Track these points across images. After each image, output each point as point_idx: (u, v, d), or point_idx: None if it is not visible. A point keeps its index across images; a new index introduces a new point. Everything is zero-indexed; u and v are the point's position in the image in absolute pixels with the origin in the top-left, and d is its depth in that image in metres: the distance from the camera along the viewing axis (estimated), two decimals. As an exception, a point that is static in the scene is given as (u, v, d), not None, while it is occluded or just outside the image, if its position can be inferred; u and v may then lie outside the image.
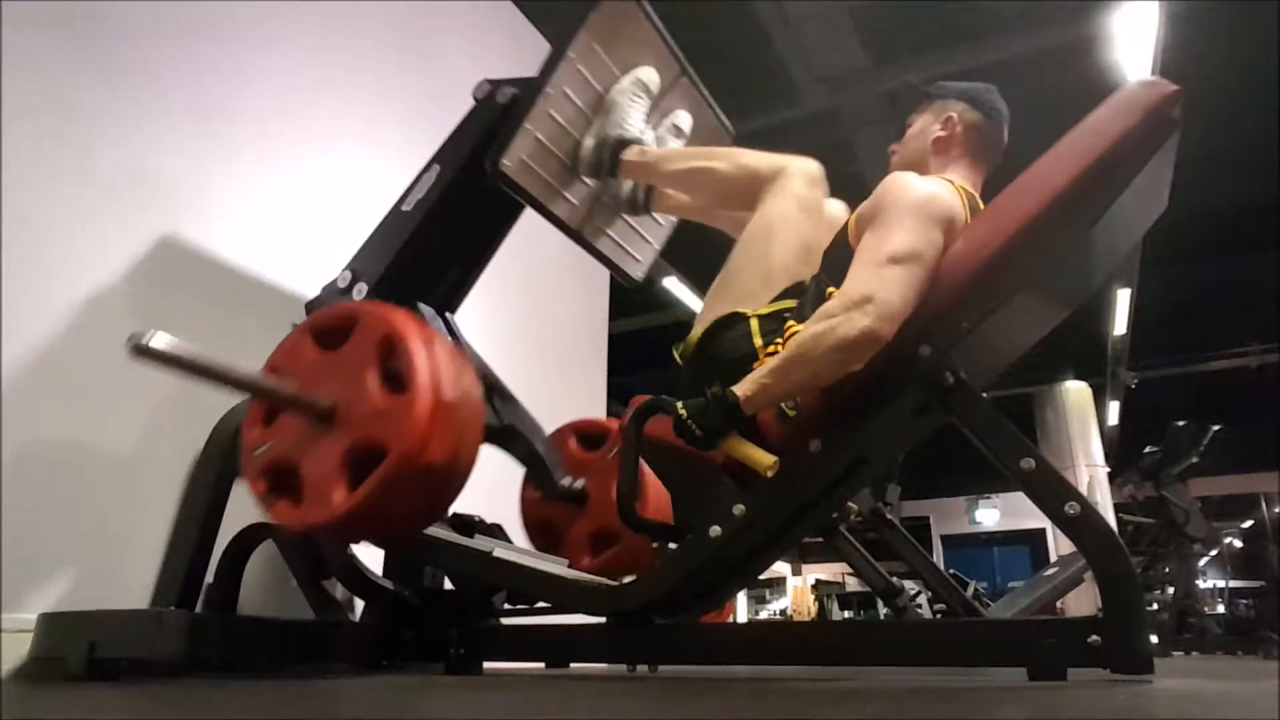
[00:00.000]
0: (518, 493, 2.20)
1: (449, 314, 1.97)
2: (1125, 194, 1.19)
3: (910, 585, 3.70)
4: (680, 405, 1.33)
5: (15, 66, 1.65)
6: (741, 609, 12.89)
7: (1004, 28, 4.77)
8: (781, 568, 14.85)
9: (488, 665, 1.63)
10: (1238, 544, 9.80)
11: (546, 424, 2.01)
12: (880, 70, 5.01)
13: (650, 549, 1.90)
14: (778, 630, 2.51)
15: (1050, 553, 10.59)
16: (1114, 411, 10.68)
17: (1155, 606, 6.40)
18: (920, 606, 3.93)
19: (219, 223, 2.04)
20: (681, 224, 2.17)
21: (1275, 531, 9.97)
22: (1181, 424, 6.24)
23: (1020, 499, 1.51)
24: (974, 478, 12.66)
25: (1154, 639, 4.14)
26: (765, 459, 1.28)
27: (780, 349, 1.37)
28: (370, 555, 1.79)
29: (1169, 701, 0.97)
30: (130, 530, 1.71)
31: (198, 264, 1.98)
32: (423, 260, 1.82)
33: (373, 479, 1.24)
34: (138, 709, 1.02)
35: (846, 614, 12.17)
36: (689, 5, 4.35)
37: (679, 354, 1.55)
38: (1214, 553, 7.52)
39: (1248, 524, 10.43)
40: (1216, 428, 6.19)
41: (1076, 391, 10.53)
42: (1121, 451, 10.54)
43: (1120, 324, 8.12)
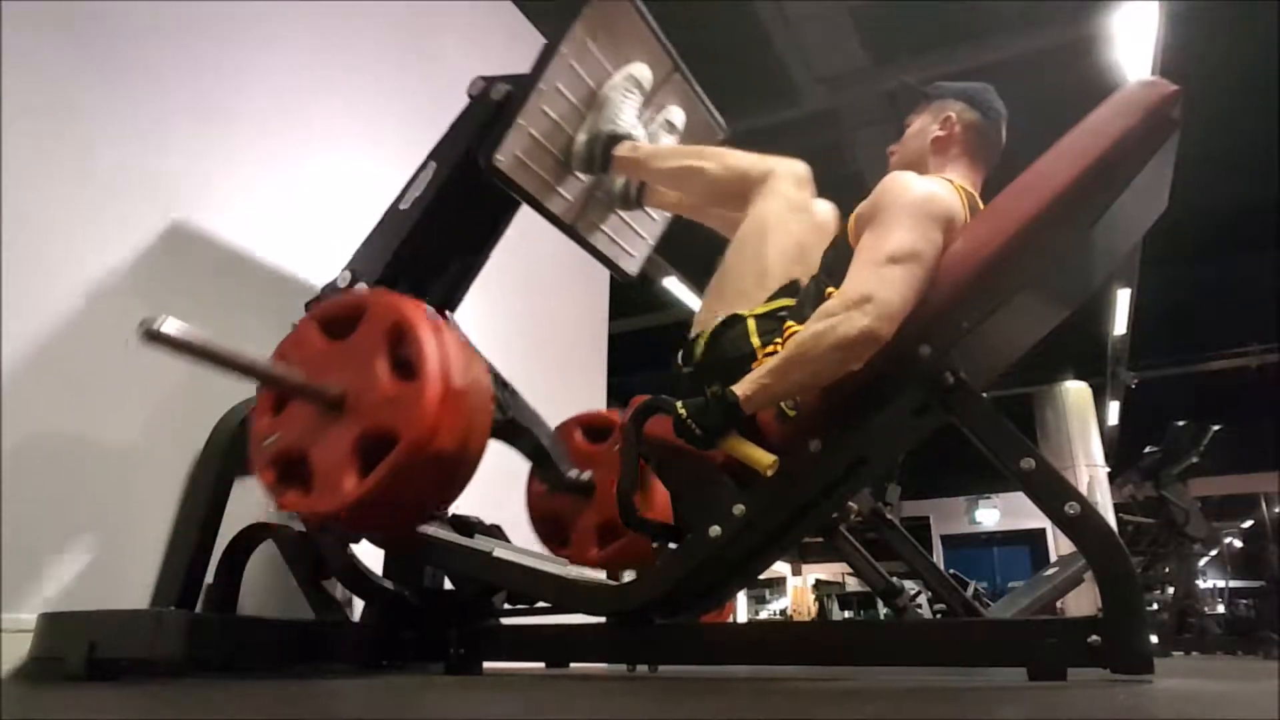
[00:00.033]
0: (517, 494, 2.20)
1: (449, 313, 1.97)
2: (1125, 194, 1.19)
3: (910, 585, 3.70)
4: (680, 405, 1.33)
5: (15, 66, 1.65)
6: (741, 609, 12.89)
7: (1004, 28, 4.77)
8: (781, 568, 14.85)
9: (488, 665, 1.63)
10: (1238, 544, 9.80)
11: (547, 423, 2.01)
12: (880, 70, 5.00)
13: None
14: (778, 630, 2.51)
15: (1050, 553, 10.59)
16: (1114, 411, 10.68)
17: (1155, 606, 6.39)
18: (920, 606, 3.93)
19: (219, 223, 2.04)
20: (681, 224, 2.17)
21: (1275, 531, 9.96)
22: (1181, 424, 6.24)
23: (1020, 499, 1.51)
24: (974, 478, 12.66)
25: (1154, 639, 4.14)
26: (765, 459, 1.28)
27: (779, 348, 1.37)
28: (370, 555, 1.79)
29: (1169, 701, 0.97)
30: (130, 530, 1.71)
31: (198, 264, 1.98)
32: (421, 258, 1.82)
33: (384, 465, 1.24)
34: (138, 709, 1.02)
35: (846, 614, 12.18)
36: (689, 5, 4.36)
37: (681, 360, 1.55)
38: (1214, 553, 7.52)
39: (1248, 524, 10.43)
40: (1216, 428, 6.19)
41: (1076, 391, 10.53)
42: (1121, 451, 10.53)
43: (1120, 324, 8.12)
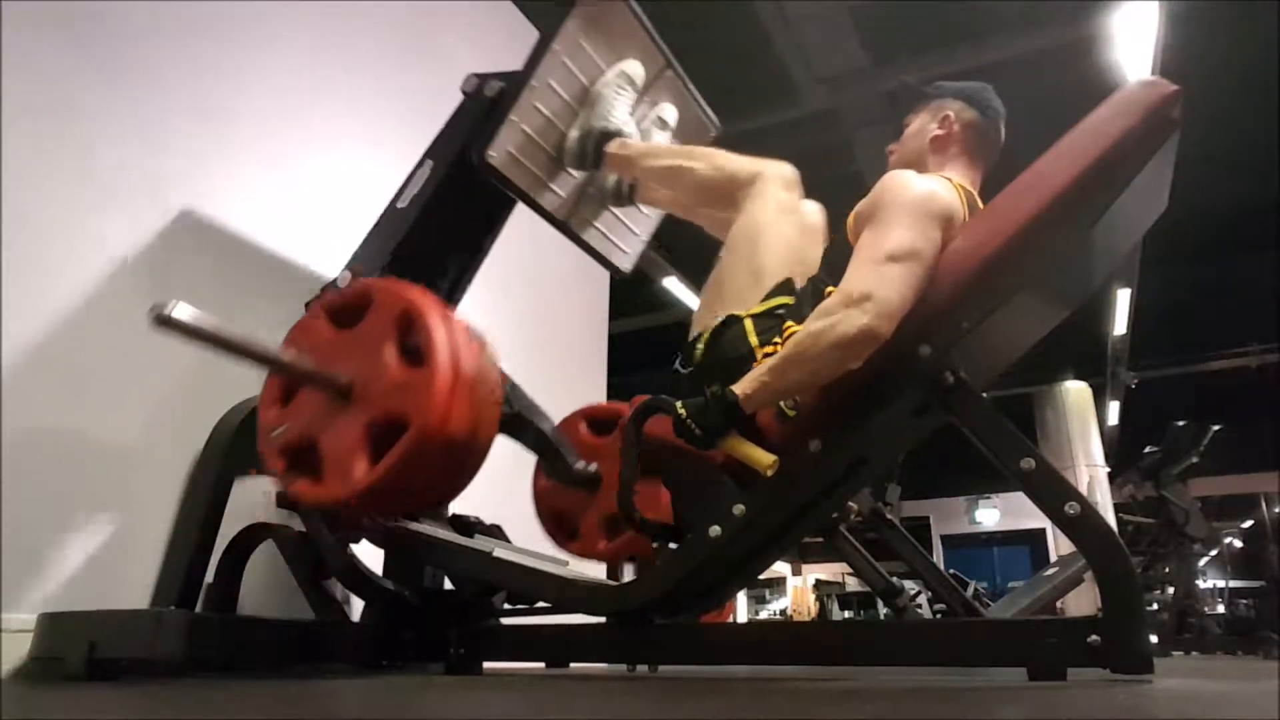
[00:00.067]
0: (517, 494, 2.20)
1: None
2: (1125, 194, 1.19)
3: (910, 585, 3.70)
4: (680, 405, 1.33)
5: (15, 66, 1.65)
6: (741, 609, 12.89)
7: (1004, 28, 4.77)
8: (781, 568, 14.85)
9: (488, 665, 1.63)
10: (1238, 544, 9.81)
11: (550, 417, 2.00)
12: (880, 70, 5.00)
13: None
14: (778, 630, 2.51)
15: (1050, 553, 10.59)
16: (1114, 411, 10.68)
17: (1155, 606, 6.39)
18: (920, 606, 3.93)
19: (219, 223, 2.04)
20: (681, 223, 2.17)
21: (1275, 531, 9.96)
22: (1181, 424, 6.24)
23: (1020, 499, 1.51)
24: (974, 478, 12.66)
25: (1154, 639, 4.14)
26: (765, 459, 1.28)
27: (779, 348, 1.37)
28: (370, 555, 1.79)
29: (1169, 701, 0.97)
30: (130, 530, 1.71)
31: (198, 264, 1.98)
32: (420, 256, 1.82)
33: (395, 451, 1.24)
34: (138, 709, 1.02)
35: (846, 614, 12.18)
36: (689, 5, 4.36)
37: (679, 362, 1.56)
38: (1214, 553, 7.52)
39: (1248, 524, 10.43)
40: (1216, 428, 6.19)
41: (1076, 391, 10.53)
42: (1121, 451, 10.53)
43: (1120, 324, 8.12)
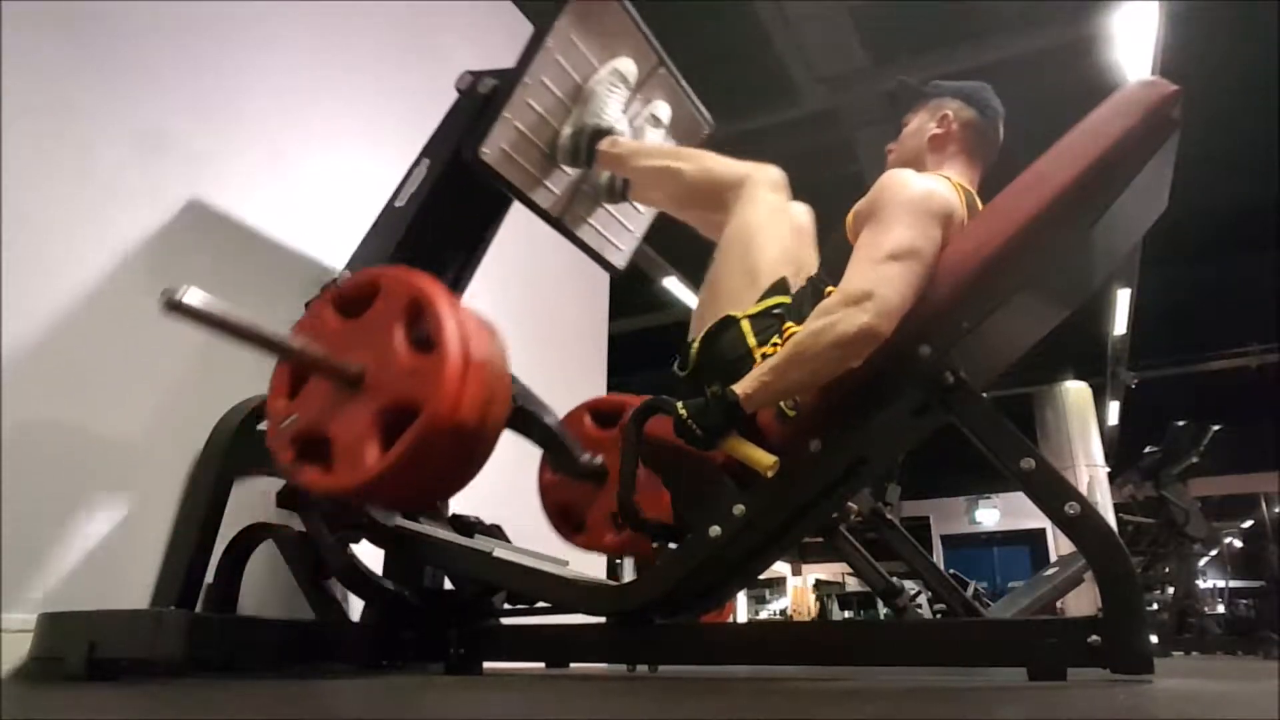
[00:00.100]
0: (517, 494, 2.20)
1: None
2: (1125, 194, 1.19)
3: (910, 585, 3.70)
4: (680, 405, 1.33)
5: (15, 66, 1.65)
6: (741, 609, 12.89)
7: (1004, 28, 4.77)
8: (781, 568, 14.85)
9: (488, 665, 1.63)
10: (1238, 544, 9.81)
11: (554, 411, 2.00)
12: (880, 70, 5.00)
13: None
14: (778, 630, 2.51)
15: (1050, 553, 10.59)
16: (1114, 411, 10.68)
17: (1155, 606, 6.39)
18: (920, 606, 3.93)
19: (219, 223, 2.04)
20: (681, 223, 2.17)
21: (1275, 531, 9.96)
22: (1181, 424, 6.24)
23: (1020, 499, 1.51)
24: (974, 478, 12.66)
25: (1154, 639, 4.14)
26: (765, 459, 1.28)
27: (778, 348, 1.37)
28: (370, 555, 1.79)
29: (1169, 701, 0.97)
30: (130, 530, 1.71)
31: (198, 264, 1.98)
32: (419, 255, 1.82)
33: (407, 436, 1.24)
34: (138, 709, 1.02)
35: (846, 614, 12.19)
36: (689, 5, 4.36)
37: (678, 365, 1.56)
38: (1214, 553, 7.52)
39: (1248, 524, 10.43)
40: (1216, 428, 6.19)
41: (1076, 391, 10.53)
42: (1121, 451, 10.54)
43: (1120, 324, 8.12)
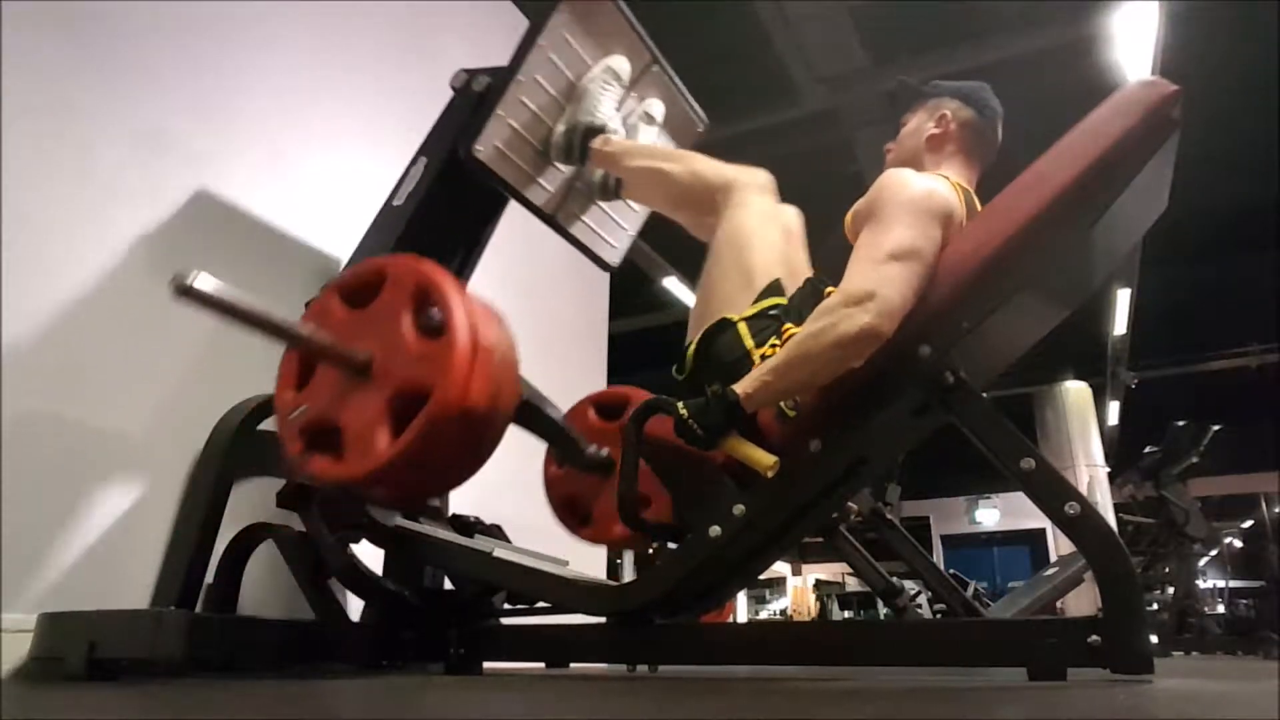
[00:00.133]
0: (516, 494, 2.20)
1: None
2: (1125, 194, 1.19)
3: (910, 585, 3.70)
4: (681, 404, 1.33)
5: (15, 66, 1.65)
6: (741, 609, 12.89)
7: (1004, 28, 4.77)
8: (781, 568, 14.85)
9: (488, 665, 1.63)
10: (1238, 544, 9.81)
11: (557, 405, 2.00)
12: (880, 70, 5.00)
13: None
14: (778, 630, 2.51)
15: (1050, 553, 10.60)
16: (1114, 411, 10.68)
17: (1155, 606, 6.40)
18: (920, 606, 3.93)
19: (219, 224, 2.04)
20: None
21: (1275, 531, 9.97)
22: (1181, 424, 6.25)
23: (1020, 499, 1.51)
24: (974, 478, 12.67)
25: (1154, 639, 4.14)
26: (765, 459, 1.28)
27: (779, 348, 1.37)
28: (370, 555, 1.79)
29: (1169, 701, 0.97)
30: (130, 530, 1.71)
31: (197, 264, 1.97)
32: (417, 253, 1.82)
33: (419, 420, 1.25)
34: (138, 709, 1.02)
35: (846, 614, 12.19)
36: (689, 5, 4.37)
37: (676, 372, 1.56)
38: (1214, 553, 7.53)
39: (1248, 524, 10.44)
40: (1216, 428, 6.20)
41: (1076, 391, 10.53)
42: (1121, 451, 10.54)
43: (1120, 324, 8.12)
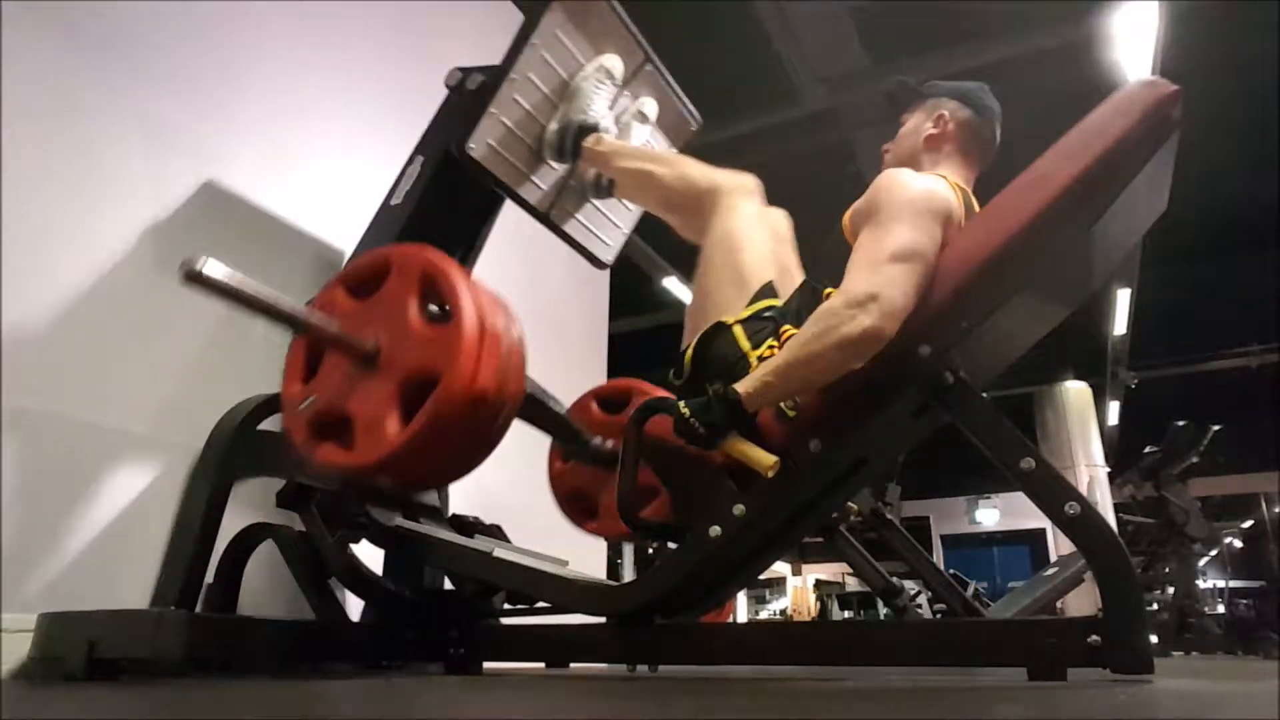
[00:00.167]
0: (518, 493, 2.20)
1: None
2: (1125, 194, 1.19)
3: (910, 585, 3.70)
4: (682, 404, 1.33)
5: (15, 66, 1.65)
6: (741, 609, 12.89)
7: (1004, 28, 4.76)
8: (781, 568, 14.85)
9: (488, 665, 1.63)
10: (1238, 544, 9.80)
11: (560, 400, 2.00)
12: (880, 70, 5.00)
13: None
14: (778, 630, 2.51)
15: (1050, 553, 10.59)
16: (1114, 411, 10.68)
17: (1155, 606, 6.39)
18: (920, 606, 3.94)
19: (219, 223, 2.04)
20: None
21: (1275, 531, 9.97)
22: (1181, 424, 6.24)
23: (1020, 499, 1.51)
24: (974, 478, 12.66)
25: (1154, 639, 4.14)
26: (765, 459, 1.28)
27: (777, 349, 1.37)
28: (370, 555, 1.79)
29: (1169, 701, 0.97)
30: (130, 530, 1.71)
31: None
32: (418, 251, 1.84)
33: (429, 405, 1.26)
34: (138, 709, 1.01)
35: (846, 614, 12.19)
36: (689, 5, 4.36)
37: (673, 377, 1.56)
38: (1214, 553, 7.52)
39: (1248, 524, 10.42)
40: (1216, 428, 6.19)
41: (1076, 391, 10.53)
42: (1121, 451, 10.54)
43: (1120, 324, 8.12)
